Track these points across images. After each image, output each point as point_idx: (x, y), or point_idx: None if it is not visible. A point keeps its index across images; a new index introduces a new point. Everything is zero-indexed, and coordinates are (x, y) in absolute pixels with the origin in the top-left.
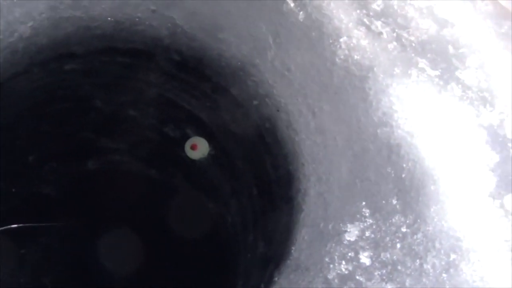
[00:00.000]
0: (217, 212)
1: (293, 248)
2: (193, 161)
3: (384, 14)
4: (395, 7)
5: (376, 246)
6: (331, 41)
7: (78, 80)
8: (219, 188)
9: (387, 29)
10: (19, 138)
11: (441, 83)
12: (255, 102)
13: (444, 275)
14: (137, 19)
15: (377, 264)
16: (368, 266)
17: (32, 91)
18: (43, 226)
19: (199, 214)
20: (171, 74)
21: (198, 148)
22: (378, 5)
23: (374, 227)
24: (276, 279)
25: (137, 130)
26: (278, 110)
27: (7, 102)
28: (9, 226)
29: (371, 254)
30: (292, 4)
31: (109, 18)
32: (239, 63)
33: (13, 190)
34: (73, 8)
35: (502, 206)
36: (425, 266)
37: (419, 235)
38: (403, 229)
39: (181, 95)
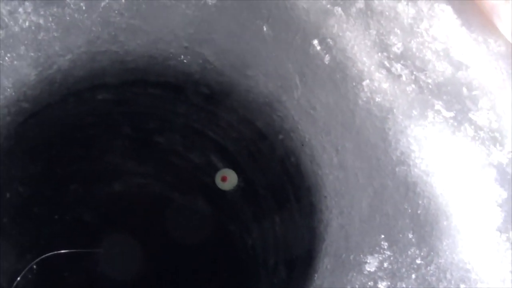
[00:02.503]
0: (238, 237)
1: (315, 275)
2: (217, 188)
3: (404, 57)
4: (414, 50)
5: (393, 276)
6: (354, 83)
7: (109, 109)
8: (241, 214)
9: (406, 71)
10: (50, 163)
11: (455, 124)
12: (280, 136)
13: None
14: (170, 55)
15: None
16: None
17: (65, 118)
18: (84, 252)
19: (220, 236)
20: (199, 106)
21: (228, 179)
22: (398, 48)
23: (391, 258)
24: None
25: (163, 155)
26: (302, 145)
27: (42, 129)
28: (56, 252)
29: (389, 284)
30: (318, 47)
31: (143, 53)
32: (266, 99)
33: (56, 216)
34: (109, 43)
35: (508, 239)
36: None
37: (432, 267)
38: (418, 261)
39: (208, 125)
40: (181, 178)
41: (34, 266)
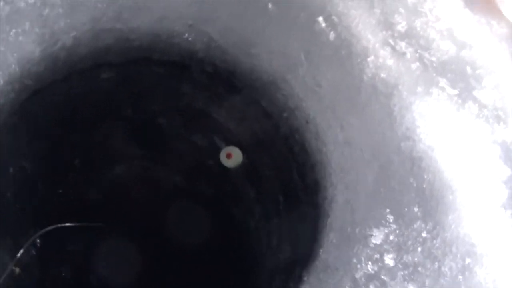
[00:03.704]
0: (242, 218)
1: (321, 250)
2: (220, 169)
3: (408, 35)
4: (418, 29)
5: (399, 249)
6: (359, 60)
7: (113, 88)
8: (245, 194)
9: (411, 49)
10: (53, 140)
11: (460, 101)
12: (284, 115)
13: (460, 277)
14: (174, 33)
15: (400, 266)
16: (392, 267)
17: (69, 97)
18: (87, 226)
19: (224, 219)
20: (203, 85)
21: (233, 156)
22: (403, 27)
23: (397, 232)
24: (305, 278)
25: (166, 138)
26: (307, 122)
27: (45, 107)
28: (60, 225)
29: (395, 256)
30: (323, 24)
31: (148, 31)
32: (270, 77)
33: (60, 191)
34: (114, 21)
35: None
36: (443, 268)
37: (438, 240)
38: (424, 235)
39: (211, 105)
40: (183, 161)
41: (38, 240)
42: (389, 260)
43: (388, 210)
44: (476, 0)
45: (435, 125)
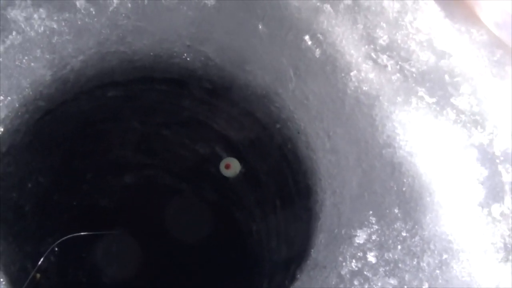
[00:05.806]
0: (243, 221)
1: (312, 250)
2: (221, 176)
3: (389, 48)
4: (399, 41)
5: (380, 247)
6: (343, 74)
7: (119, 105)
8: (245, 199)
9: (391, 62)
10: (66, 156)
11: (438, 109)
12: (278, 125)
13: (437, 271)
14: (174, 53)
15: (381, 262)
16: (374, 264)
17: (78, 114)
18: (100, 234)
19: (226, 223)
20: (202, 100)
21: (231, 167)
22: (384, 40)
23: (379, 232)
24: (298, 276)
25: (170, 148)
26: (298, 133)
27: (57, 125)
28: (75, 234)
29: (377, 254)
30: (309, 42)
31: (149, 53)
32: (264, 91)
33: (74, 203)
34: (118, 44)
35: (489, 214)
36: (421, 264)
37: (417, 238)
38: (403, 233)
39: (211, 118)
40: (187, 169)
41: (56, 248)
42: (371, 257)
43: (371, 212)
44: (456, 10)
45: (415, 132)
